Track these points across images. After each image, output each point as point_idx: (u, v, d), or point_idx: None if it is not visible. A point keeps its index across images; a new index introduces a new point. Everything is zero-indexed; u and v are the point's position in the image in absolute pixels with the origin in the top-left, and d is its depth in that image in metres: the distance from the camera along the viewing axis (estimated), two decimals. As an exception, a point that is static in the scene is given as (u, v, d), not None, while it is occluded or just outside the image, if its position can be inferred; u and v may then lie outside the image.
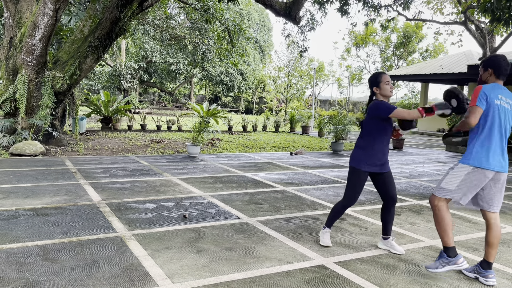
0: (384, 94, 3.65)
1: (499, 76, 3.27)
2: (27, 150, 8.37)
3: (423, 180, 7.82)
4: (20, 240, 3.65)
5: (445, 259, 3.34)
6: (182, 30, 18.46)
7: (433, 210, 3.40)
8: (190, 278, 3.07)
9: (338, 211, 3.85)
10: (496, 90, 3.20)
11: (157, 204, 5.12)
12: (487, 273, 3.27)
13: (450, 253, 3.33)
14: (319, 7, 12.64)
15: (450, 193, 3.31)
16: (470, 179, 3.23)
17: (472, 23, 17.31)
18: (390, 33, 30.02)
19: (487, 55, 16.96)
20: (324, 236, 3.93)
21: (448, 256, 3.33)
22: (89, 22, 10.92)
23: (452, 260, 3.32)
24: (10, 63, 9.50)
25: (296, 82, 34.59)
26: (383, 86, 3.62)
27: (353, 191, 3.74)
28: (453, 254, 3.32)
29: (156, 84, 36.17)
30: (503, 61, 3.27)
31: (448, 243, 3.33)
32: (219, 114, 15.77)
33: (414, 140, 17.40)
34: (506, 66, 3.26)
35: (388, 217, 3.82)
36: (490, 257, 3.30)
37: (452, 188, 3.29)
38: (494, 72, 3.27)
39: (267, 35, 41.85)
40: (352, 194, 3.75)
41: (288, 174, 7.78)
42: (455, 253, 3.33)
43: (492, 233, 3.31)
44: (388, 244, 3.87)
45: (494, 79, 3.29)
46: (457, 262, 3.31)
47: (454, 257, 3.32)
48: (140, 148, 10.49)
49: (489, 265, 3.29)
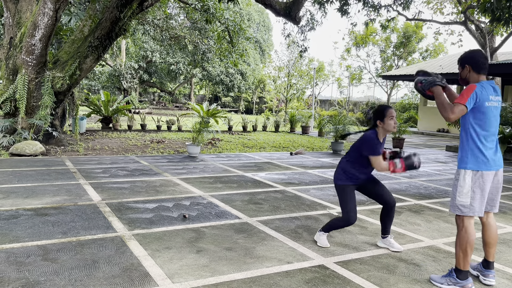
0: (387, 129, 3.64)
1: (479, 72, 3.16)
2: (27, 150, 8.37)
3: (423, 180, 7.82)
4: (20, 240, 3.65)
5: (453, 279, 3.14)
6: (182, 30, 18.46)
7: (458, 229, 3.18)
8: (190, 278, 3.07)
9: (337, 226, 3.89)
10: (486, 90, 3.07)
11: (157, 204, 5.12)
12: (487, 272, 3.27)
13: (461, 276, 3.13)
14: (319, 7, 12.64)
15: (469, 210, 3.11)
16: (477, 185, 3.09)
17: (472, 23, 17.31)
18: (390, 33, 30.02)
19: (487, 55, 16.95)
20: (320, 238, 3.95)
21: (458, 277, 3.13)
22: (89, 22, 10.92)
23: (460, 283, 3.12)
24: (10, 63, 9.50)
25: (296, 82, 34.60)
26: (387, 121, 3.61)
27: (349, 205, 3.74)
28: (464, 277, 3.13)
29: (156, 84, 36.18)
30: (479, 55, 3.18)
31: (464, 267, 3.12)
32: (219, 114, 15.78)
33: (414, 140, 17.40)
34: (484, 60, 3.16)
35: (387, 219, 3.87)
36: (490, 256, 3.27)
37: (468, 202, 3.10)
38: (472, 68, 3.16)
39: (267, 35, 41.86)
40: (349, 209, 3.74)
41: (288, 174, 7.78)
42: (467, 277, 3.13)
43: (489, 233, 3.27)
44: (387, 242, 3.92)
45: (475, 76, 3.16)
46: (465, 286, 3.11)
47: (464, 280, 3.12)
48: (140, 148, 10.49)
49: (488, 265, 3.27)
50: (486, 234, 3.29)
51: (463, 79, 3.27)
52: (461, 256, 3.11)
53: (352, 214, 3.73)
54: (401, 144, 13.41)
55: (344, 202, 3.77)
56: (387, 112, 3.61)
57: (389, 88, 31.25)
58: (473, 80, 3.17)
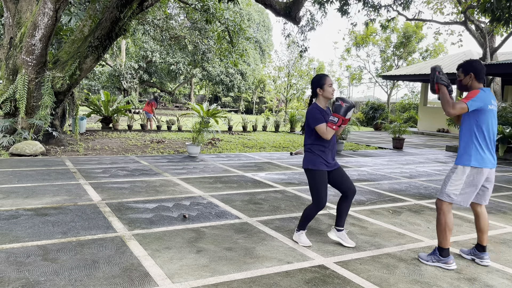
0: (327, 96, 3.80)
1: (480, 80, 3.46)
2: (27, 150, 8.37)
3: (423, 180, 7.82)
4: (20, 240, 3.65)
5: (437, 257, 3.55)
6: (182, 30, 18.46)
7: (438, 212, 3.58)
8: (190, 278, 3.07)
9: (309, 215, 3.88)
10: (489, 96, 3.41)
11: (157, 204, 5.12)
12: (482, 255, 3.62)
13: (443, 254, 3.53)
14: (319, 7, 12.64)
15: (455, 198, 3.50)
16: (471, 180, 3.44)
17: (472, 23, 17.31)
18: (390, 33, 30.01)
19: (487, 55, 16.95)
20: (301, 237, 3.93)
21: (440, 255, 3.53)
22: (89, 22, 10.92)
23: (443, 260, 3.52)
24: (10, 63, 9.50)
25: (296, 82, 34.59)
26: (326, 88, 3.77)
27: (320, 192, 3.77)
28: (446, 255, 3.53)
29: (156, 84, 36.17)
30: (481, 66, 3.48)
31: (445, 245, 3.53)
32: (219, 114, 15.77)
33: (414, 140, 17.40)
34: (484, 70, 3.48)
35: (344, 206, 3.90)
36: (483, 241, 3.63)
37: (457, 193, 3.48)
38: (475, 76, 3.46)
39: (267, 35, 41.85)
40: (320, 195, 3.77)
41: (288, 174, 7.78)
42: (448, 254, 3.54)
43: (481, 220, 3.64)
44: (342, 236, 3.93)
45: (476, 83, 3.48)
46: (447, 262, 3.51)
47: (446, 257, 3.52)
48: (140, 148, 10.49)
49: (483, 248, 3.64)
50: (479, 222, 3.66)
51: (464, 86, 3.54)
52: (441, 236, 3.54)
53: (323, 199, 3.76)
54: (401, 144, 13.41)
55: (314, 187, 3.77)
56: (326, 80, 3.79)
57: (389, 88, 31.25)
58: (474, 87, 3.49)
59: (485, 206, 5.85)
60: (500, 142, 11.64)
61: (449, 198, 3.52)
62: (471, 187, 3.46)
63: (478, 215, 3.66)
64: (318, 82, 3.79)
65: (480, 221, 3.64)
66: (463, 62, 3.59)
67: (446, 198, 3.53)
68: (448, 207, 3.54)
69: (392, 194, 6.41)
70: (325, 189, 3.79)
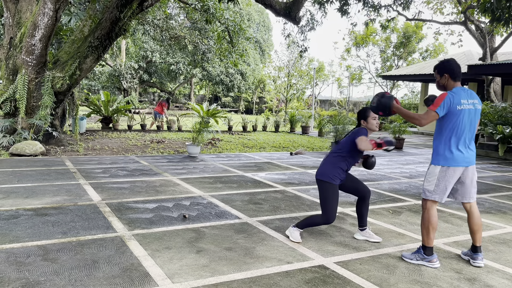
0: (370, 129, 3.92)
1: (455, 79, 3.53)
2: (27, 150, 8.37)
3: (423, 180, 7.81)
4: (20, 240, 3.65)
5: (421, 255, 3.59)
6: (182, 30, 18.46)
7: (423, 211, 3.66)
8: (190, 278, 3.07)
9: (315, 224, 3.97)
10: (458, 95, 3.45)
11: (157, 204, 5.12)
12: (475, 255, 3.64)
13: (427, 252, 3.57)
14: (319, 7, 12.64)
15: (431, 194, 3.58)
16: (443, 178, 3.53)
17: (472, 23, 17.31)
18: (390, 33, 30.02)
19: (487, 55, 16.95)
20: (294, 233, 3.98)
21: (424, 253, 3.57)
22: (89, 22, 10.92)
23: (427, 258, 3.56)
24: (10, 63, 9.50)
25: (296, 82, 34.60)
26: (370, 120, 3.89)
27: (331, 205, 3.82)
28: (429, 253, 3.57)
29: (156, 84, 36.16)
30: (456, 65, 3.53)
31: (428, 244, 3.57)
32: (219, 114, 15.76)
33: (414, 140, 17.40)
34: (459, 69, 3.53)
35: (364, 209, 4.06)
36: (477, 241, 3.65)
37: (432, 189, 3.57)
38: (450, 76, 3.53)
39: (267, 35, 41.85)
40: (331, 208, 3.81)
41: (288, 174, 7.78)
42: (432, 253, 3.58)
43: (473, 220, 3.64)
44: (367, 234, 4.10)
45: (452, 83, 3.54)
46: (431, 261, 3.55)
47: (430, 256, 3.56)
48: (140, 148, 10.49)
49: (476, 249, 3.65)
50: (471, 222, 3.67)
51: (442, 86, 3.62)
52: (425, 234, 3.58)
53: (333, 214, 3.82)
54: (401, 144, 13.41)
55: (327, 201, 3.83)
56: (370, 113, 3.89)
57: (389, 88, 31.25)
58: (450, 86, 3.55)
59: (485, 206, 5.86)
60: (500, 142, 11.64)
61: (425, 194, 3.61)
62: (444, 183, 3.52)
63: (469, 214, 3.68)
64: (363, 114, 3.91)
65: (472, 220, 3.65)
66: (438, 63, 3.65)
67: (424, 195, 3.63)
68: (431, 204, 3.58)
69: (392, 194, 6.42)
70: (337, 204, 3.84)
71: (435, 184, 3.55)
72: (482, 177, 8.44)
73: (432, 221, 3.55)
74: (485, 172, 9.18)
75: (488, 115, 12.62)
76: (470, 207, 3.66)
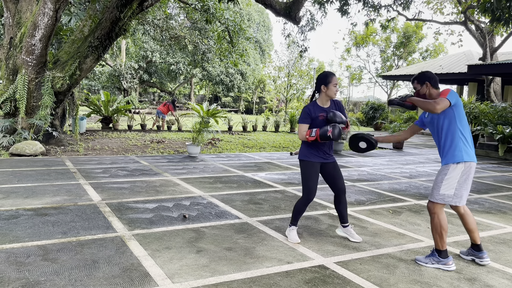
0: (329, 95, 3.83)
1: (436, 87, 3.63)
2: (27, 150, 8.37)
3: (423, 180, 7.82)
4: (20, 240, 3.65)
5: (436, 258, 3.54)
6: (182, 30, 18.45)
7: (432, 216, 3.57)
8: (190, 278, 3.07)
9: (300, 209, 3.94)
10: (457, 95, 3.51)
11: (157, 204, 5.12)
12: (481, 254, 3.63)
13: (442, 255, 3.52)
14: (319, 7, 12.64)
15: (451, 199, 3.48)
16: (464, 177, 3.45)
17: (472, 23, 17.31)
18: (390, 33, 30.02)
19: (487, 55, 16.95)
20: (291, 233, 3.97)
21: (439, 256, 3.52)
22: (89, 22, 10.92)
23: (442, 261, 3.51)
24: (10, 63, 9.50)
25: (296, 82, 34.60)
26: (330, 87, 3.79)
27: (310, 183, 3.82)
28: (445, 256, 3.52)
29: (156, 84, 36.16)
30: (431, 73, 3.67)
31: (443, 247, 3.53)
32: (219, 114, 15.75)
33: (414, 140, 17.40)
34: (436, 77, 3.67)
35: (341, 206, 4.00)
36: (477, 240, 3.64)
37: (452, 193, 3.47)
38: (431, 84, 3.62)
39: (267, 35, 41.85)
40: (310, 187, 3.83)
41: (288, 174, 7.78)
42: (447, 255, 3.53)
43: (468, 220, 3.63)
44: (348, 232, 4.07)
45: (434, 90, 3.61)
46: (447, 263, 3.50)
47: (445, 259, 3.51)
48: (140, 148, 10.49)
49: (479, 247, 3.65)
50: (466, 222, 3.65)
51: (422, 95, 3.67)
52: (438, 239, 3.53)
53: (312, 190, 3.82)
54: (401, 144, 13.40)
55: (305, 178, 3.84)
56: (332, 78, 3.80)
57: (389, 88, 31.25)
58: (433, 93, 3.60)
59: (485, 206, 5.86)
60: (500, 142, 11.64)
61: (443, 199, 3.49)
62: (464, 184, 3.46)
63: (462, 216, 3.63)
64: (324, 79, 3.80)
65: (467, 220, 3.63)
66: (416, 75, 3.73)
67: (439, 200, 3.51)
68: (440, 208, 3.54)
69: (392, 194, 6.42)
70: (315, 181, 3.83)
71: (456, 188, 3.44)
72: (482, 177, 8.44)
73: (444, 225, 3.50)
74: (485, 172, 9.18)
75: (488, 115, 12.62)
76: (464, 208, 3.61)
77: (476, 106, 13.21)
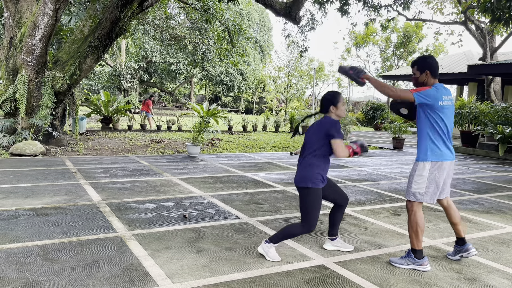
0: (339, 115, 3.55)
1: (435, 76, 3.48)
2: (27, 150, 8.37)
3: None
4: (20, 240, 3.65)
5: (411, 259, 3.48)
6: (182, 30, 18.45)
7: (409, 214, 3.54)
8: (190, 278, 3.07)
9: (293, 235, 3.52)
10: (440, 92, 3.38)
11: (157, 204, 5.12)
12: (465, 246, 3.60)
13: (418, 255, 3.46)
14: (319, 7, 12.64)
15: (422, 197, 3.46)
16: (433, 175, 3.42)
17: (472, 23, 17.31)
18: (390, 33, 30.02)
19: (487, 55, 16.95)
20: (270, 251, 3.52)
21: (415, 257, 3.47)
22: (89, 22, 10.92)
23: (418, 262, 3.46)
24: (10, 63, 9.50)
25: (296, 82, 34.61)
26: (340, 106, 3.53)
27: (316, 213, 3.44)
28: (420, 256, 3.46)
29: (156, 84, 36.18)
30: (435, 62, 3.50)
31: (418, 247, 3.47)
32: (219, 114, 15.75)
33: (414, 140, 17.40)
34: (437, 65, 3.51)
35: (339, 216, 3.78)
36: (461, 233, 3.64)
37: (422, 191, 3.44)
38: (431, 73, 3.46)
39: (267, 35, 41.85)
40: (316, 217, 3.44)
41: (288, 174, 7.78)
42: (422, 256, 3.48)
43: (452, 213, 3.62)
44: (338, 244, 3.82)
45: (432, 80, 3.47)
46: (423, 264, 3.45)
47: (421, 259, 3.46)
48: (140, 148, 10.49)
49: (463, 240, 3.63)
50: (450, 215, 3.64)
51: (420, 83, 3.53)
52: (414, 238, 3.47)
53: (316, 222, 3.44)
54: (401, 144, 13.41)
55: (310, 208, 3.41)
56: (340, 98, 3.58)
57: (389, 88, 31.24)
58: (430, 83, 3.48)
59: (485, 206, 5.86)
60: (500, 142, 11.64)
61: (415, 198, 3.46)
62: (435, 182, 3.41)
63: (446, 209, 3.62)
64: (333, 100, 3.52)
65: (451, 213, 3.61)
66: (417, 59, 3.56)
67: (412, 198, 3.48)
68: (417, 207, 3.48)
69: (392, 194, 6.41)
70: (319, 210, 3.47)
71: (426, 185, 3.42)
72: (482, 177, 8.44)
73: (421, 224, 3.44)
74: (485, 172, 9.18)
75: (488, 115, 12.62)
76: (447, 201, 3.62)
77: (476, 106, 13.20)
